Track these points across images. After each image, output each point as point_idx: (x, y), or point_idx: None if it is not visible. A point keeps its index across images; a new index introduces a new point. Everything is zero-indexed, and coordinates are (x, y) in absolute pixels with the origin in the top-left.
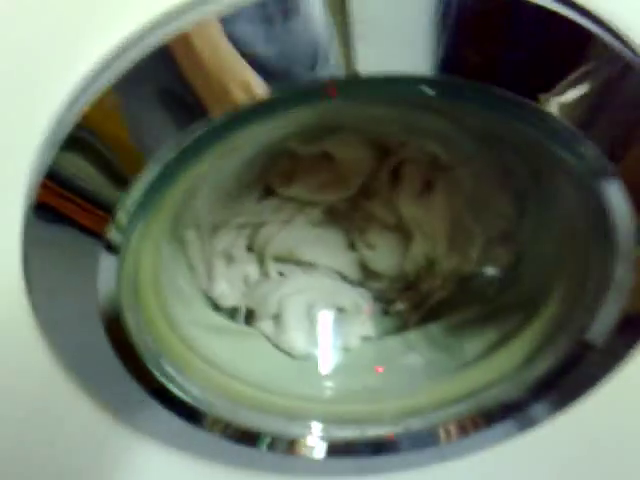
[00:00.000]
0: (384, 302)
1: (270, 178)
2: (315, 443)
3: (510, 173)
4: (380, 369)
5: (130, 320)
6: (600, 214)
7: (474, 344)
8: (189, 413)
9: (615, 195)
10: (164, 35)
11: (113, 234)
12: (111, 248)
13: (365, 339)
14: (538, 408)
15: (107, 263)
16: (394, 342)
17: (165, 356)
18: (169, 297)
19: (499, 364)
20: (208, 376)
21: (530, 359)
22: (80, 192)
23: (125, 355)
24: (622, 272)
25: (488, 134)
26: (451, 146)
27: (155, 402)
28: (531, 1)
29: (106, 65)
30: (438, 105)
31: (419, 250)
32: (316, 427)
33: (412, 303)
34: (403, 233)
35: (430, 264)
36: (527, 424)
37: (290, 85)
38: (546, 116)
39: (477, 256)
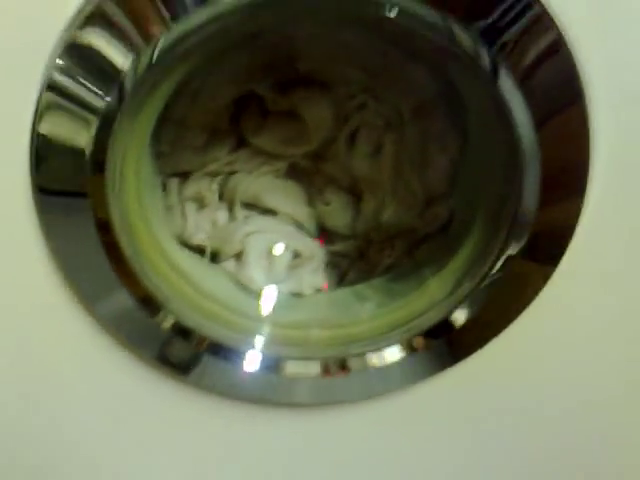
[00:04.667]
0: (339, 274)
1: (243, 127)
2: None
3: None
4: None
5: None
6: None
7: (411, 284)
8: None
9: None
10: None
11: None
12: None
13: (317, 290)
14: None
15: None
16: (344, 293)
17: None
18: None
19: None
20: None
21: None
22: None
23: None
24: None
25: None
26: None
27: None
28: None
29: None
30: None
31: (368, 208)
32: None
33: (363, 273)
34: (356, 195)
35: (378, 223)
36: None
37: None
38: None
39: (419, 213)
